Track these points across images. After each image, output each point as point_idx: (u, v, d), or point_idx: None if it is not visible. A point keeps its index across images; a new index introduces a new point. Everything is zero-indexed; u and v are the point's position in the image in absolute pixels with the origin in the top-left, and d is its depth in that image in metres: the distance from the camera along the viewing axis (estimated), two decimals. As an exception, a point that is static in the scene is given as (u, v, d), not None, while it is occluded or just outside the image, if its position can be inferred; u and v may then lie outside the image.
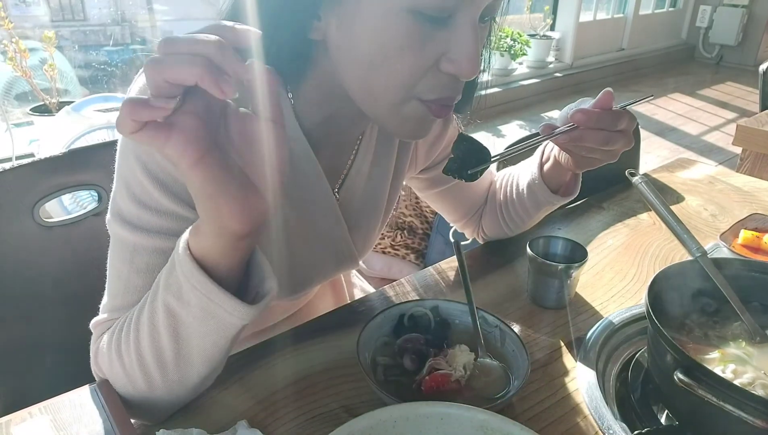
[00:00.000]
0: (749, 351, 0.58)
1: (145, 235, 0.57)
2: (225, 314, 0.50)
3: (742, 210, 1.05)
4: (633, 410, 0.61)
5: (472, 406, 0.49)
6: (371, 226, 0.80)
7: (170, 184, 0.57)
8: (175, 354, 0.53)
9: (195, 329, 0.51)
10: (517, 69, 4.72)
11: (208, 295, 0.49)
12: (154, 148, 0.42)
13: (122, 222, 0.58)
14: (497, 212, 0.91)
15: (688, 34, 6.39)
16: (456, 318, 0.70)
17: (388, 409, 0.48)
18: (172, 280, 0.51)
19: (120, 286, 0.59)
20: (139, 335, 0.54)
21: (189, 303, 0.50)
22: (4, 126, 2.63)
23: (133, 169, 0.56)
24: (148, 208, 0.57)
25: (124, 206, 0.58)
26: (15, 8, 3.13)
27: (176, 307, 0.51)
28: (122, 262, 0.58)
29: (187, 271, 0.49)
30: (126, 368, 0.55)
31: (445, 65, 0.54)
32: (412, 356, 0.63)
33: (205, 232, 0.48)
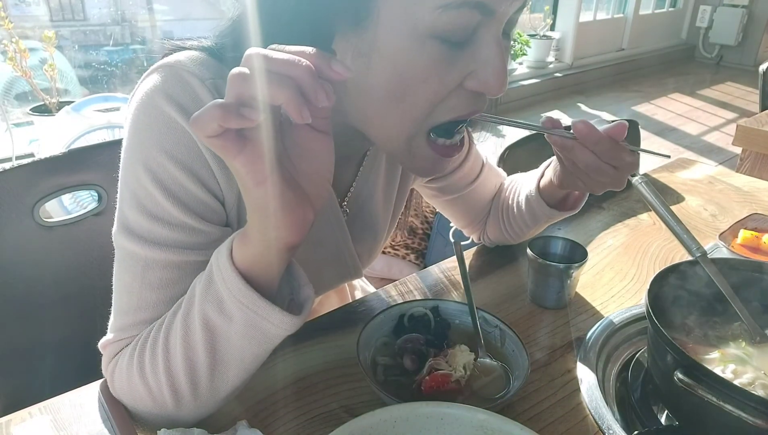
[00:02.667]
0: (749, 351, 0.58)
1: (157, 249, 0.54)
2: (271, 327, 0.48)
3: (742, 210, 1.05)
4: (633, 410, 0.61)
5: (471, 406, 0.49)
6: (377, 239, 0.80)
7: (182, 196, 0.54)
8: (210, 370, 0.51)
9: (235, 343, 0.50)
10: (517, 69, 4.72)
11: (255, 310, 0.47)
12: (223, 157, 0.42)
13: (131, 236, 0.54)
14: (500, 220, 0.89)
15: (688, 34, 6.39)
16: (456, 318, 0.70)
17: (388, 409, 0.48)
18: (210, 294, 0.49)
19: (132, 303, 0.56)
20: (169, 354, 0.51)
21: (232, 317, 0.48)
22: (4, 126, 2.63)
23: (141, 180, 0.54)
24: (160, 220, 0.54)
25: (132, 219, 0.55)
26: (15, 8, 3.13)
27: (217, 321, 0.49)
28: (133, 277, 0.55)
29: (232, 285, 0.47)
30: (152, 390, 0.53)
31: (470, 84, 0.51)
32: (412, 356, 0.63)
33: (255, 243, 0.47)
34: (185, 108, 0.53)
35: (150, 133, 0.54)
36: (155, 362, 0.52)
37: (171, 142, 0.53)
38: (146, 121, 0.54)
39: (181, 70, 0.54)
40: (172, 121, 0.53)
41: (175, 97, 0.53)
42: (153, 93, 0.54)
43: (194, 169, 0.55)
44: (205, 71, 0.55)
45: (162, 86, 0.54)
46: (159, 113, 0.53)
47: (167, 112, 0.53)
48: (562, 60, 5.15)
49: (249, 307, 0.47)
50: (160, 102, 0.53)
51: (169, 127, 0.53)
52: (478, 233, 0.95)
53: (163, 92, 0.53)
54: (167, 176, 0.54)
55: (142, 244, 0.54)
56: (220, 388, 0.53)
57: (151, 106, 0.54)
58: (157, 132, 0.54)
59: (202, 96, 0.54)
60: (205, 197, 0.56)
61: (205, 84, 0.54)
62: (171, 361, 0.51)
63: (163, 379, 0.52)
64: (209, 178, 0.56)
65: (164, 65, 0.55)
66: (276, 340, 0.50)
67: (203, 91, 0.54)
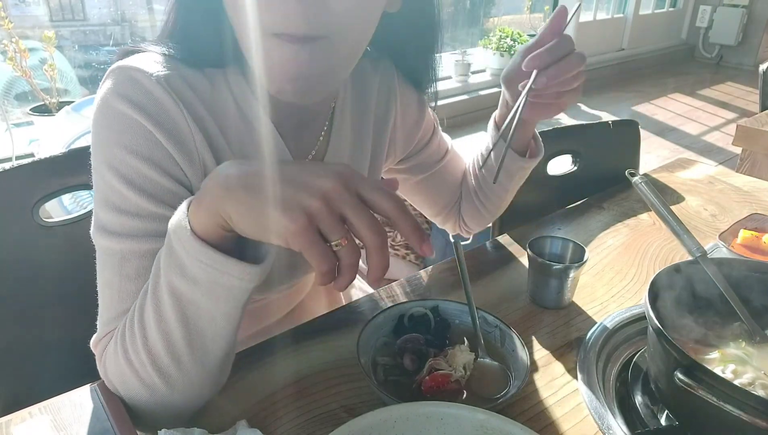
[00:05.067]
0: (749, 351, 0.58)
1: (130, 241, 0.56)
2: (234, 280, 0.49)
3: (742, 210, 1.05)
4: (633, 410, 0.61)
5: (471, 407, 0.49)
6: None
7: (147, 187, 0.57)
8: (187, 340, 0.52)
9: (204, 305, 0.50)
10: (517, 69, 4.71)
11: (214, 266, 0.48)
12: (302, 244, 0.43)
13: (106, 233, 0.57)
14: (473, 198, 0.91)
15: (688, 34, 6.39)
16: (456, 318, 0.70)
17: (388, 409, 0.48)
18: (172, 260, 0.50)
19: (113, 296, 0.58)
20: (145, 331, 0.52)
21: (195, 279, 0.49)
22: (4, 126, 2.63)
23: (107, 180, 0.56)
24: (129, 213, 0.56)
25: (105, 217, 0.57)
26: (15, 8, 3.13)
27: (181, 286, 0.50)
28: (112, 272, 0.57)
29: (189, 246, 0.48)
30: (139, 374, 0.53)
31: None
32: (412, 356, 0.63)
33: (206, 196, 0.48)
34: (138, 103, 0.56)
35: (109, 133, 0.56)
36: (135, 343, 0.53)
37: (129, 138, 0.56)
38: (104, 122, 0.57)
39: (129, 70, 0.57)
40: (127, 117, 0.56)
41: (127, 94, 0.56)
42: (107, 96, 0.57)
43: (156, 160, 0.57)
44: (152, 66, 0.57)
45: (114, 88, 0.56)
46: (114, 113, 0.56)
47: (121, 110, 0.56)
48: (562, 60, 5.14)
49: (208, 264, 0.48)
50: (114, 102, 0.56)
51: (126, 123, 0.56)
52: (453, 221, 0.97)
53: (115, 93, 0.56)
54: (130, 170, 0.56)
55: (116, 239, 0.57)
56: (204, 359, 0.54)
57: (107, 108, 0.56)
58: (115, 131, 0.56)
59: (151, 89, 0.56)
60: (170, 186, 0.58)
61: (152, 78, 0.56)
62: (148, 338, 0.52)
63: (145, 358, 0.52)
64: (173, 167, 0.58)
65: (114, 69, 0.58)
66: (242, 295, 0.51)
67: (151, 85, 0.56)
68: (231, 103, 0.63)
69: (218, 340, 0.53)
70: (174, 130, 0.57)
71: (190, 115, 0.58)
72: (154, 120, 0.56)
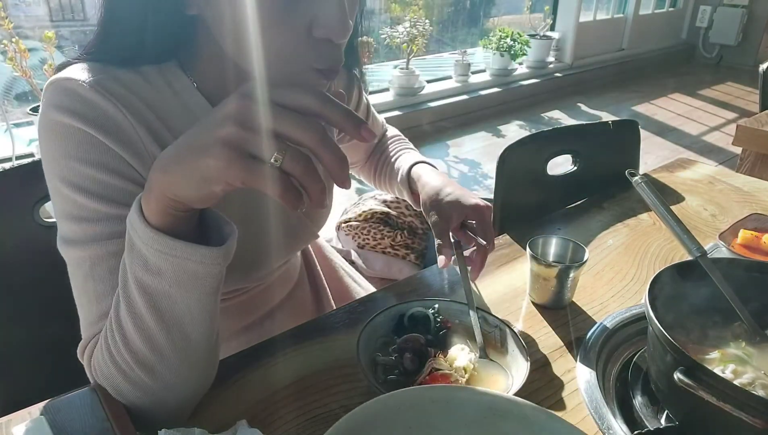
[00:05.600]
0: (749, 351, 0.58)
1: (96, 246, 0.57)
2: (198, 266, 0.49)
3: (742, 210, 1.05)
4: (633, 410, 0.61)
5: (478, 389, 0.48)
6: None
7: (102, 191, 0.57)
8: (165, 332, 0.51)
9: (175, 297, 0.50)
10: (517, 69, 4.72)
11: (174, 253, 0.48)
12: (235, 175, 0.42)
13: (71, 244, 0.57)
14: (373, 169, 1.01)
15: (688, 34, 6.39)
16: (456, 318, 0.70)
17: (392, 395, 0.47)
18: (135, 256, 0.49)
19: (91, 300, 0.58)
20: (124, 331, 0.52)
21: (160, 271, 0.49)
22: (4, 126, 2.63)
23: (62, 192, 0.57)
24: (90, 220, 0.57)
25: (67, 229, 0.58)
26: (15, 8, 3.13)
27: (148, 280, 0.49)
28: (85, 279, 0.58)
29: (146, 238, 0.48)
30: (127, 374, 0.54)
31: (317, 31, 0.54)
32: (412, 356, 0.63)
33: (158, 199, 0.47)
34: (76, 111, 0.56)
35: (54, 146, 0.56)
36: (116, 344, 0.53)
37: (74, 147, 0.56)
38: (47, 136, 0.57)
39: (61, 81, 0.57)
40: (67, 127, 0.56)
41: (64, 104, 0.56)
42: (45, 110, 0.57)
43: (105, 163, 0.57)
44: (84, 74, 0.58)
45: (50, 101, 0.56)
46: (55, 125, 0.56)
47: (61, 121, 0.56)
48: (562, 60, 5.15)
49: (168, 253, 0.48)
50: (53, 115, 0.56)
51: (68, 133, 0.56)
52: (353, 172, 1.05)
53: (52, 106, 0.56)
54: (82, 178, 0.56)
55: (82, 247, 0.57)
56: (187, 349, 0.53)
57: (47, 121, 0.56)
58: (59, 143, 0.56)
59: (86, 96, 0.56)
60: (124, 185, 0.58)
61: (85, 85, 0.57)
62: (128, 337, 0.52)
63: (128, 357, 0.52)
64: (124, 167, 0.58)
65: (49, 84, 0.58)
66: (209, 280, 0.50)
67: (85, 91, 0.56)
68: (171, 98, 0.63)
69: (197, 327, 0.53)
70: (117, 131, 0.57)
71: (131, 114, 0.58)
72: (95, 124, 0.56)
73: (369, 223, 2.02)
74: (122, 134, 0.58)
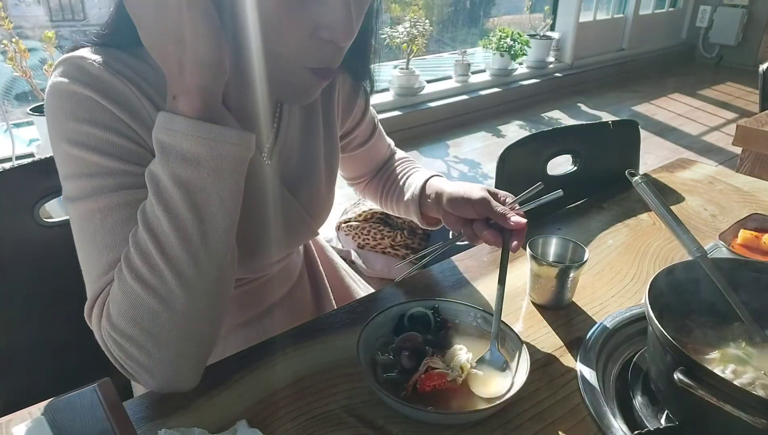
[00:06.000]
0: (749, 351, 0.58)
1: (105, 197, 0.58)
2: (234, 148, 0.53)
3: (742, 210, 1.05)
4: (633, 410, 0.61)
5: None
6: (315, 185, 0.81)
7: (109, 149, 0.58)
8: (201, 232, 0.54)
9: (211, 187, 0.54)
10: (517, 69, 4.72)
11: (213, 137, 0.52)
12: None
13: (78, 200, 0.59)
14: (380, 190, 0.98)
15: (688, 34, 6.39)
16: (456, 318, 0.70)
17: None
18: (171, 158, 0.53)
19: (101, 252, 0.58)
20: (159, 239, 0.54)
21: (198, 159, 0.52)
22: (4, 126, 2.63)
23: (69, 152, 0.58)
24: (97, 175, 0.58)
25: (73, 187, 0.59)
26: (15, 8, 3.13)
27: (186, 173, 0.53)
28: (94, 231, 0.58)
29: (187, 129, 0.52)
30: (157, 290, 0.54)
31: (322, 33, 0.57)
32: (410, 354, 0.63)
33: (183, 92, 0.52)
34: (88, 83, 0.58)
35: (62, 111, 0.58)
36: (149, 256, 0.54)
37: (83, 110, 0.58)
38: (57, 103, 0.58)
39: (73, 59, 0.59)
40: (78, 94, 0.58)
41: (75, 76, 0.58)
42: (57, 83, 0.59)
43: (113, 126, 0.59)
44: (95, 55, 0.60)
45: (63, 74, 0.59)
46: (66, 93, 0.58)
47: (73, 89, 0.58)
48: (562, 60, 5.15)
49: (208, 138, 0.52)
50: (65, 85, 0.58)
51: (78, 99, 0.58)
52: (360, 189, 1.03)
53: (65, 77, 0.58)
54: (89, 138, 0.58)
55: (92, 200, 0.58)
56: (217, 251, 0.56)
57: (58, 91, 0.58)
58: (68, 108, 0.58)
59: (97, 74, 0.58)
60: (133, 147, 0.60)
61: (96, 64, 0.59)
62: (163, 242, 0.54)
63: (163, 266, 0.54)
64: (130, 132, 0.60)
65: (61, 60, 0.60)
66: (243, 164, 0.56)
67: (97, 70, 0.58)
68: None
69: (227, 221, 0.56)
70: (125, 102, 0.59)
71: (140, 92, 0.60)
72: (104, 94, 0.58)
73: (369, 223, 2.02)
74: (129, 104, 0.60)
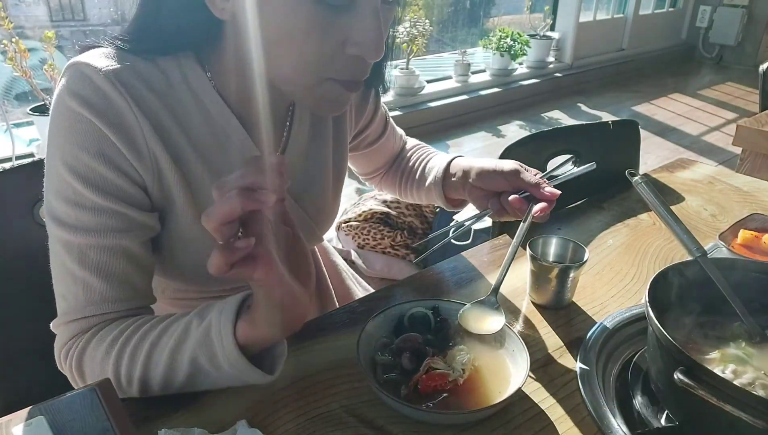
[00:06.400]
0: (749, 351, 0.58)
1: (88, 236, 0.59)
2: (251, 381, 0.56)
3: (742, 210, 1.05)
4: (633, 410, 0.61)
5: None
6: (320, 192, 0.81)
7: (100, 183, 0.59)
8: (183, 387, 0.58)
9: (215, 381, 0.57)
10: (517, 69, 4.72)
11: (242, 370, 0.54)
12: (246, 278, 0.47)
13: (62, 225, 0.59)
14: (397, 181, 0.99)
15: (688, 34, 6.39)
16: (456, 318, 0.69)
17: None
18: (206, 347, 0.55)
19: (78, 287, 0.60)
20: (149, 370, 0.57)
21: (220, 368, 0.55)
22: (4, 126, 2.63)
23: (62, 174, 0.58)
24: (84, 208, 0.59)
25: (60, 208, 0.59)
26: (15, 8, 3.13)
27: (205, 366, 0.55)
28: (71, 262, 0.59)
29: (230, 354, 0.53)
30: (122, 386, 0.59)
31: (350, 48, 0.56)
32: (410, 356, 0.63)
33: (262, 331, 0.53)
34: (88, 100, 0.58)
35: (62, 130, 0.59)
36: (133, 369, 0.58)
37: (80, 135, 0.58)
38: (58, 119, 0.59)
39: (80, 65, 0.59)
40: (77, 114, 0.58)
41: (78, 91, 0.58)
42: (61, 93, 0.59)
43: (108, 157, 0.59)
44: (103, 61, 0.59)
45: (67, 85, 0.58)
46: (66, 110, 0.58)
47: (72, 107, 0.58)
48: (562, 60, 5.15)
49: (238, 368, 0.54)
50: (66, 99, 0.58)
51: (76, 120, 0.58)
52: (375, 182, 1.04)
53: (67, 90, 0.58)
54: (83, 167, 0.58)
55: (73, 232, 0.59)
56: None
57: (60, 105, 0.59)
58: (67, 128, 0.58)
59: (99, 84, 0.58)
60: (122, 183, 0.60)
61: (102, 72, 0.58)
62: (150, 375, 0.58)
63: (137, 385, 0.59)
64: (125, 164, 0.60)
65: (69, 66, 0.60)
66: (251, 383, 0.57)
67: (100, 80, 0.58)
68: (185, 93, 0.64)
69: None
70: (122, 126, 0.59)
71: (140, 110, 0.60)
72: (103, 116, 0.58)
73: (369, 223, 2.02)
74: (127, 131, 0.59)
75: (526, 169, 0.77)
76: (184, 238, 0.67)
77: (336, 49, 0.56)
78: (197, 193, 0.66)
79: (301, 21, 0.54)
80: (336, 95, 0.61)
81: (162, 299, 0.78)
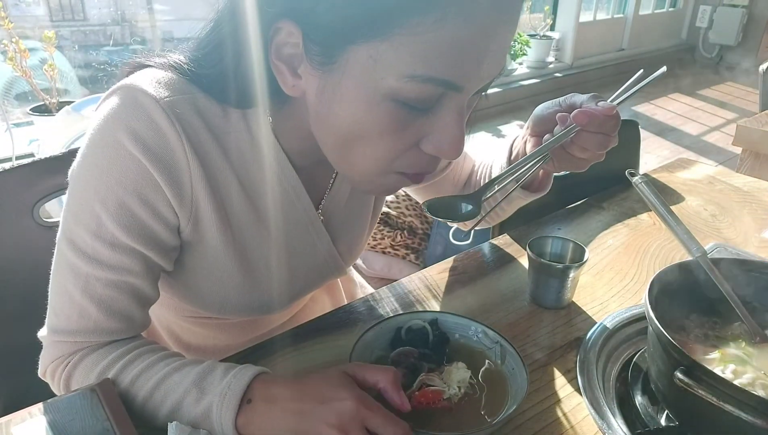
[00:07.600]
0: (749, 351, 0.58)
1: (99, 268, 0.56)
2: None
3: (742, 210, 1.05)
4: (633, 410, 0.61)
5: None
6: (356, 236, 0.79)
7: (128, 221, 0.56)
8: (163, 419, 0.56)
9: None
10: (517, 69, 4.72)
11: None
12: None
13: (75, 249, 0.56)
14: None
15: (688, 34, 6.39)
16: (456, 332, 0.66)
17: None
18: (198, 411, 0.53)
19: (74, 311, 0.58)
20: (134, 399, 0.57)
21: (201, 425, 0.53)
22: (4, 126, 2.63)
23: (88, 201, 0.55)
24: (103, 241, 0.56)
25: (77, 233, 0.56)
26: (15, 8, 3.13)
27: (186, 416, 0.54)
28: (74, 287, 0.57)
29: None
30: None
31: (426, 146, 0.52)
32: (404, 370, 0.59)
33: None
34: (138, 135, 0.54)
35: (102, 160, 0.55)
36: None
37: (122, 170, 0.54)
38: (100, 148, 0.55)
39: (136, 91, 0.55)
40: (123, 148, 0.54)
41: (129, 123, 0.54)
42: (109, 118, 0.55)
43: (145, 197, 0.56)
44: (162, 90, 0.55)
45: (117, 112, 0.54)
46: (112, 140, 0.54)
47: (119, 139, 0.54)
48: (562, 60, 5.15)
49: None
50: (115, 128, 0.54)
51: (121, 154, 0.54)
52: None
53: (118, 118, 0.54)
54: (115, 202, 0.55)
55: (85, 261, 0.56)
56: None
57: (107, 131, 0.55)
58: (110, 159, 0.54)
59: (155, 117, 0.54)
60: (153, 223, 0.57)
61: (159, 103, 0.54)
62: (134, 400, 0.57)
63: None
64: (161, 204, 0.57)
65: (122, 87, 0.56)
66: None
67: (157, 112, 0.54)
68: (245, 137, 0.61)
69: None
70: (170, 165, 0.56)
71: (192, 148, 0.56)
72: (153, 155, 0.54)
73: (369, 223, 2.02)
74: (174, 169, 0.56)
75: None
76: (211, 268, 0.65)
77: (411, 145, 0.52)
78: (237, 232, 0.64)
79: (378, 120, 0.49)
80: (396, 185, 0.58)
81: (175, 317, 0.76)
